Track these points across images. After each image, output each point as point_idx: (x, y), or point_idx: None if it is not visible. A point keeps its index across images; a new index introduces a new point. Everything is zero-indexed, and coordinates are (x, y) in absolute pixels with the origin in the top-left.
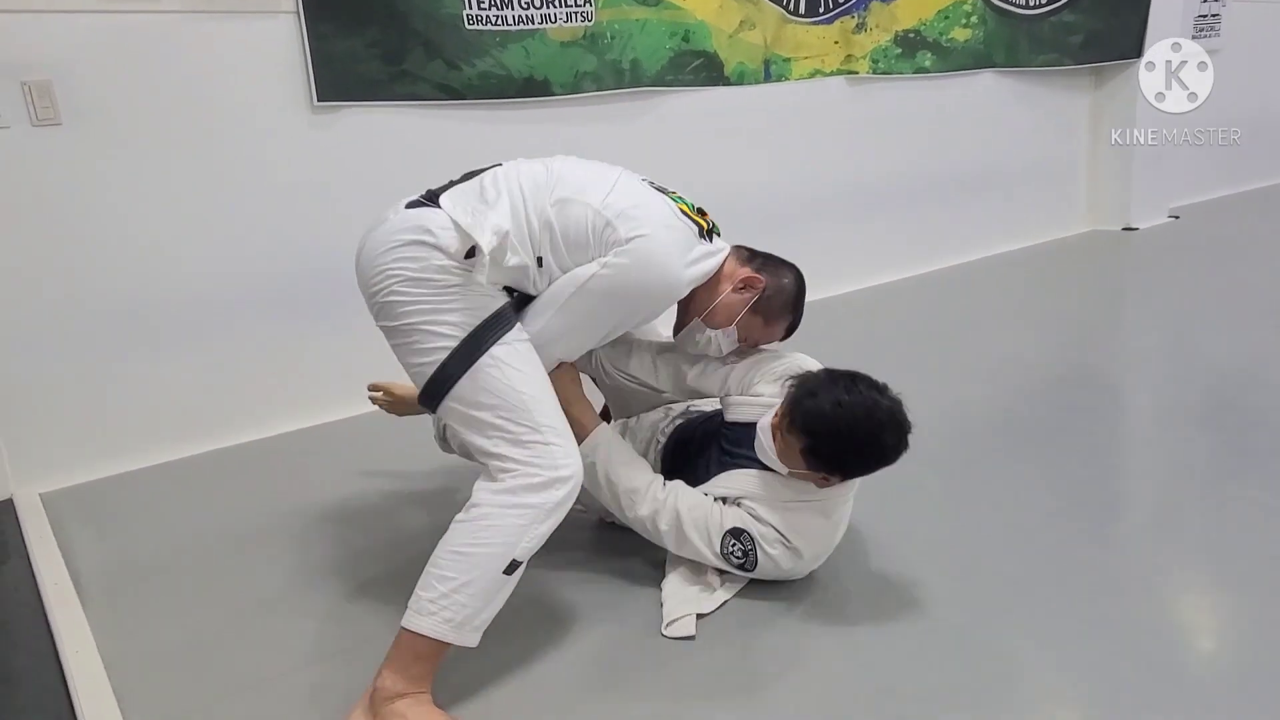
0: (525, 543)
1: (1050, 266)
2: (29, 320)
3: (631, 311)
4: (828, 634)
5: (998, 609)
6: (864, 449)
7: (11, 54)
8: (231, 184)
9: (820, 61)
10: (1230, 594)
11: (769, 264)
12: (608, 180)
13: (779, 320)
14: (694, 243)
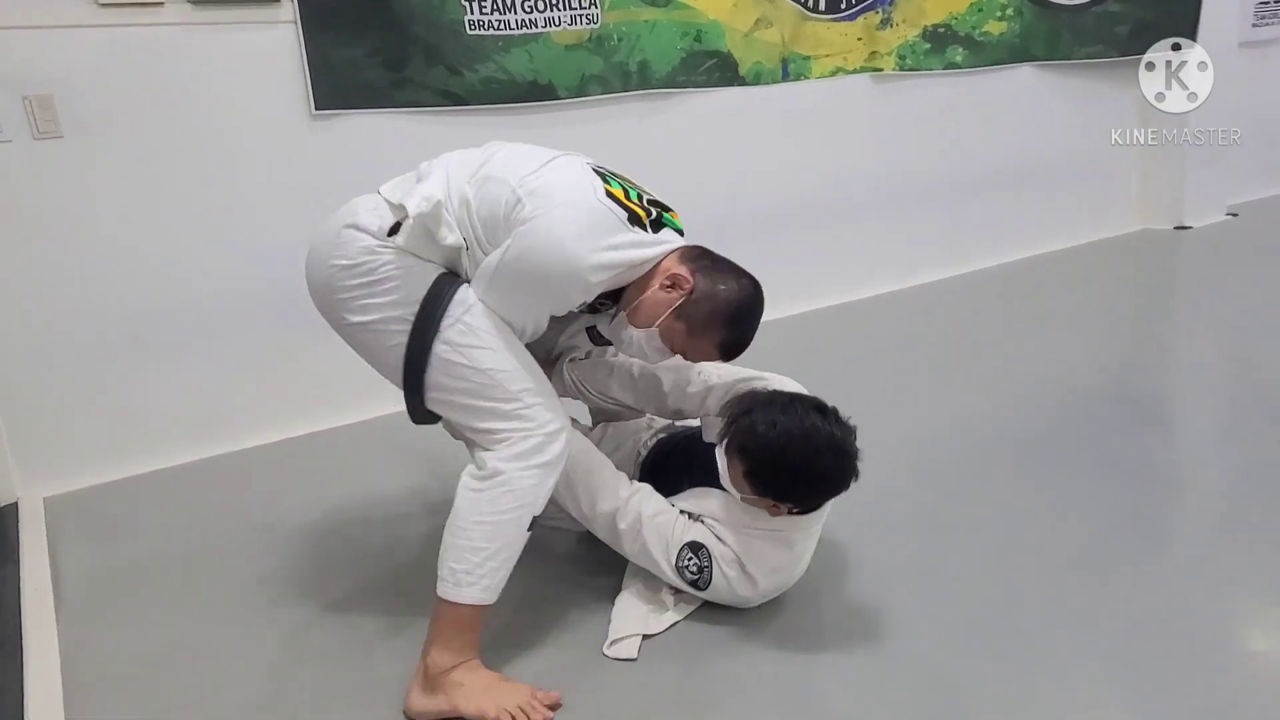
0: (540, 500)
1: (1094, 268)
2: (34, 328)
3: (540, 296)
4: (783, 660)
5: (972, 644)
6: (801, 474)
7: (13, 68)
8: (231, 193)
9: (843, 59)
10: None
11: (715, 269)
12: (538, 160)
13: (706, 333)
14: (616, 227)
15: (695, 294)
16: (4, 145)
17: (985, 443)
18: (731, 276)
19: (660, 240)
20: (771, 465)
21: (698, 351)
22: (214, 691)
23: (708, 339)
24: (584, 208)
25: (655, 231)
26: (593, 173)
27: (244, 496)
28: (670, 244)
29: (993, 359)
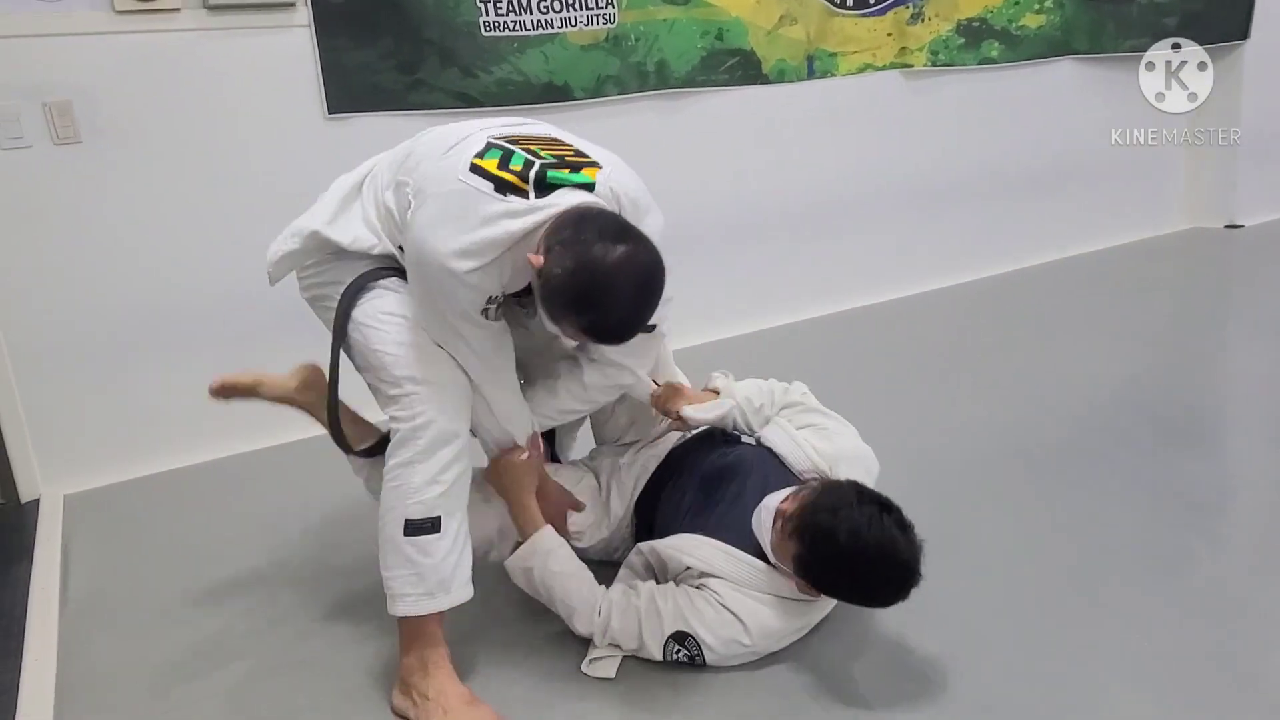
0: (412, 499)
1: (1138, 268)
2: (55, 328)
3: (436, 299)
4: (773, 676)
5: (985, 664)
6: (859, 588)
7: (33, 76)
8: (246, 196)
9: (871, 55)
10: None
11: (575, 238)
12: (445, 143)
13: (563, 318)
14: (477, 202)
15: (541, 274)
16: (25, 151)
17: (1003, 455)
18: (579, 247)
19: (541, 205)
20: (834, 571)
21: (574, 338)
22: (206, 694)
23: (567, 324)
24: (440, 195)
25: (541, 195)
26: (481, 145)
27: (255, 497)
28: (546, 208)
29: (1021, 365)
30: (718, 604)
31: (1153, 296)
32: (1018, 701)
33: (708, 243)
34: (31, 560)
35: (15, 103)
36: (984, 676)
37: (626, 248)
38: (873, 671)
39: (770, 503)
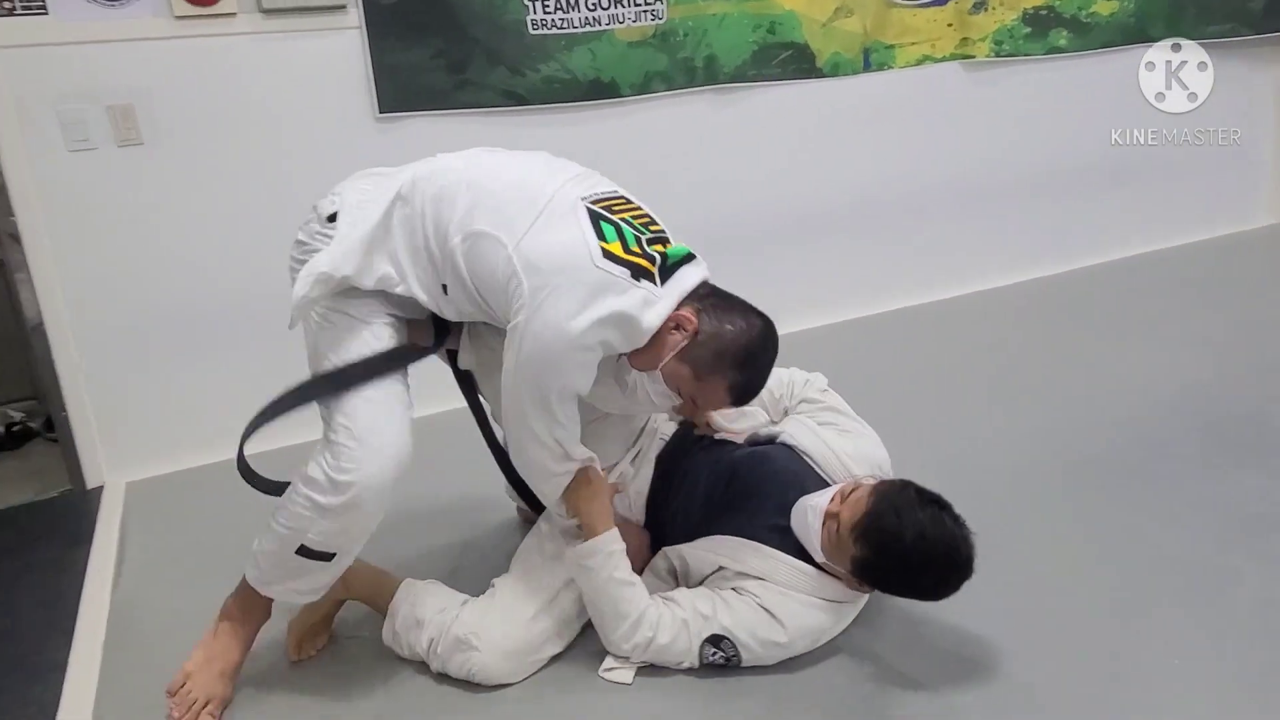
0: (314, 534)
1: (1217, 266)
2: (120, 322)
3: (547, 379)
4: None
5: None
6: (921, 586)
7: (97, 81)
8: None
9: (930, 47)
10: None
11: (722, 307)
12: (529, 208)
13: (713, 375)
14: (625, 292)
15: (701, 335)
16: (91, 153)
17: (1048, 464)
18: (740, 315)
19: (670, 291)
20: (899, 571)
21: (707, 396)
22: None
23: (716, 383)
24: (578, 282)
25: (664, 279)
26: (587, 217)
27: None
28: (669, 297)
29: (1078, 369)
30: (756, 605)
31: (1227, 297)
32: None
33: (758, 237)
34: (91, 544)
35: (81, 107)
36: (1020, 693)
37: (763, 321)
38: (901, 688)
39: (815, 503)
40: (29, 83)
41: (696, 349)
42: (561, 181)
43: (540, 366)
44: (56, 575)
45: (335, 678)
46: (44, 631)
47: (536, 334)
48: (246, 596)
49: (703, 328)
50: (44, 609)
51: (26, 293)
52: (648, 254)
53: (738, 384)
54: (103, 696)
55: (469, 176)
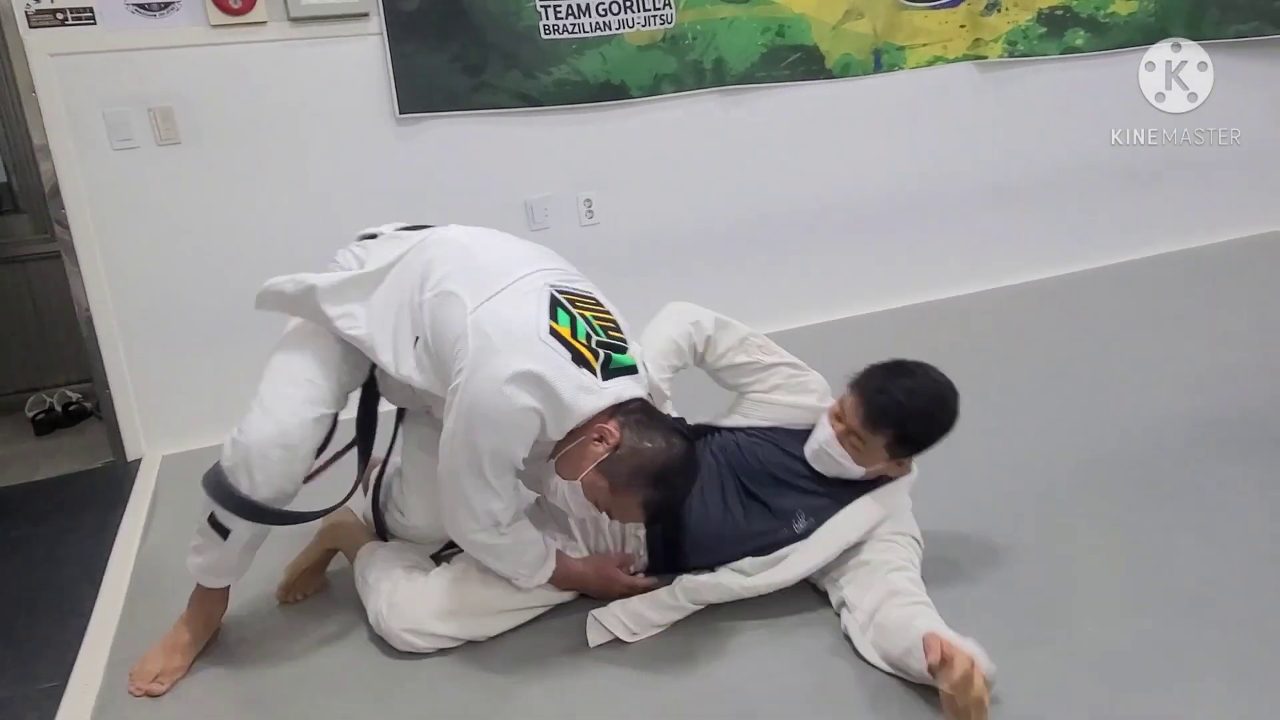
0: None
1: (1243, 267)
2: (159, 309)
3: (486, 443)
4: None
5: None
6: (946, 422)
7: (140, 86)
8: (325, 191)
9: (942, 48)
10: None
11: (646, 424)
12: (505, 278)
13: (629, 490)
14: (562, 369)
15: (620, 449)
16: (133, 151)
17: (1056, 462)
18: (662, 435)
19: (608, 388)
20: (925, 425)
21: (621, 510)
22: (256, 636)
23: (630, 497)
24: (519, 351)
25: (605, 378)
26: (548, 300)
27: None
28: (609, 392)
29: (1091, 365)
30: (898, 537)
31: (1258, 296)
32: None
33: (767, 235)
34: (125, 510)
35: (125, 109)
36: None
37: (684, 443)
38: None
39: (825, 436)
40: (79, 87)
41: (615, 463)
42: (539, 268)
43: (476, 423)
44: (95, 535)
45: (315, 619)
46: (78, 583)
47: (475, 391)
48: (196, 589)
49: (624, 442)
50: (80, 564)
51: (76, 282)
52: (593, 349)
53: (652, 501)
54: (120, 639)
55: (464, 243)
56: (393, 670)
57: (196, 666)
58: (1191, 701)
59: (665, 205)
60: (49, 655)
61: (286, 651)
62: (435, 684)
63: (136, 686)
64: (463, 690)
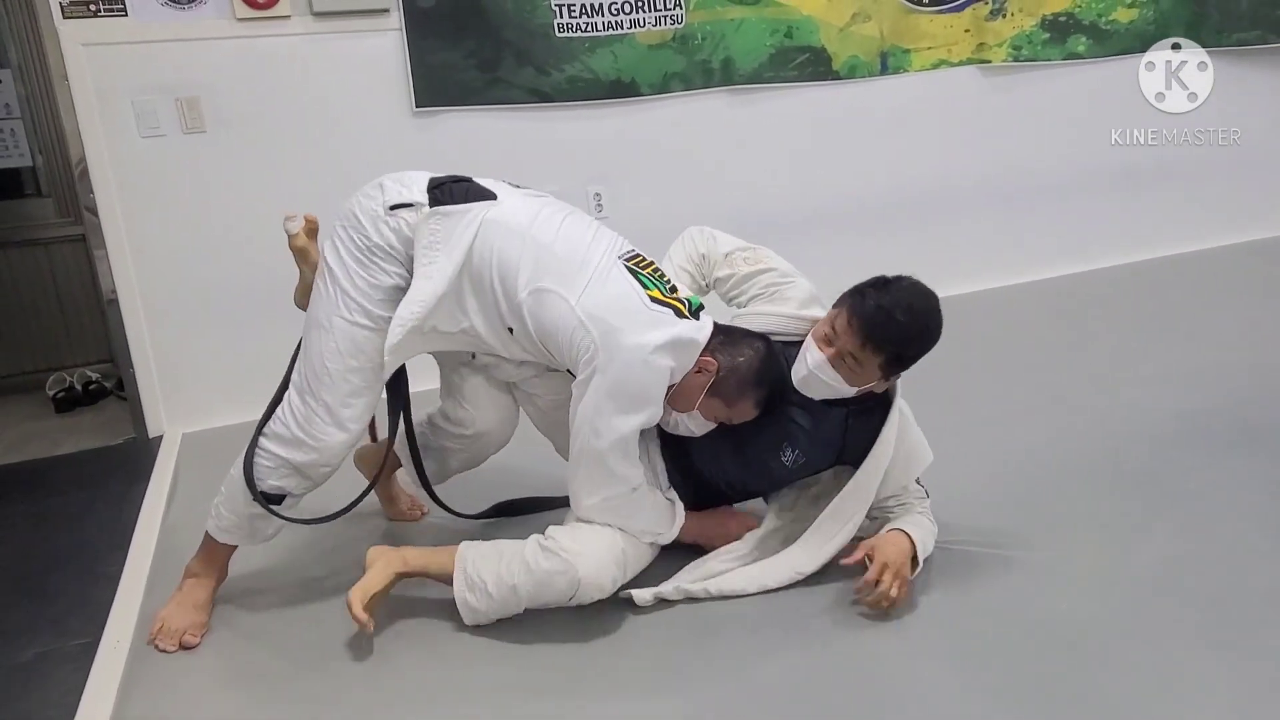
0: (272, 482)
1: (1244, 270)
2: (182, 291)
3: (652, 411)
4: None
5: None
6: (938, 335)
7: (167, 76)
8: (344, 180)
9: (947, 51)
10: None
11: (727, 344)
12: (587, 267)
13: (741, 399)
14: (674, 324)
15: (721, 372)
16: (161, 139)
17: (1049, 463)
18: (745, 346)
19: (703, 329)
20: (921, 342)
21: (740, 414)
22: (266, 604)
23: (743, 404)
24: (640, 321)
25: (697, 318)
26: (627, 273)
27: None
28: (710, 332)
29: (1080, 367)
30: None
31: (1259, 300)
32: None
33: (770, 232)
34: (149, 482)
35: (154, 98)
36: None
37: (765, 343)
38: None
39: (811, 362)
40: (109, 76)
41: (721, 385)
42: (604, 247)
43: (625, 399)
44: (119, 506)
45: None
46: (106, 549)
47: (620, 371)
48: (208, 550)
49: (721, 366)
50: (107, 532)
51: (102, 265)
52: (679, 300)
53: (761, 399)
54: (147, 600)
55: (523, 229)
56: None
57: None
58: (1154, 684)
59: (672, 201)
60: (81, 613)
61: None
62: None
63: (169, 642)
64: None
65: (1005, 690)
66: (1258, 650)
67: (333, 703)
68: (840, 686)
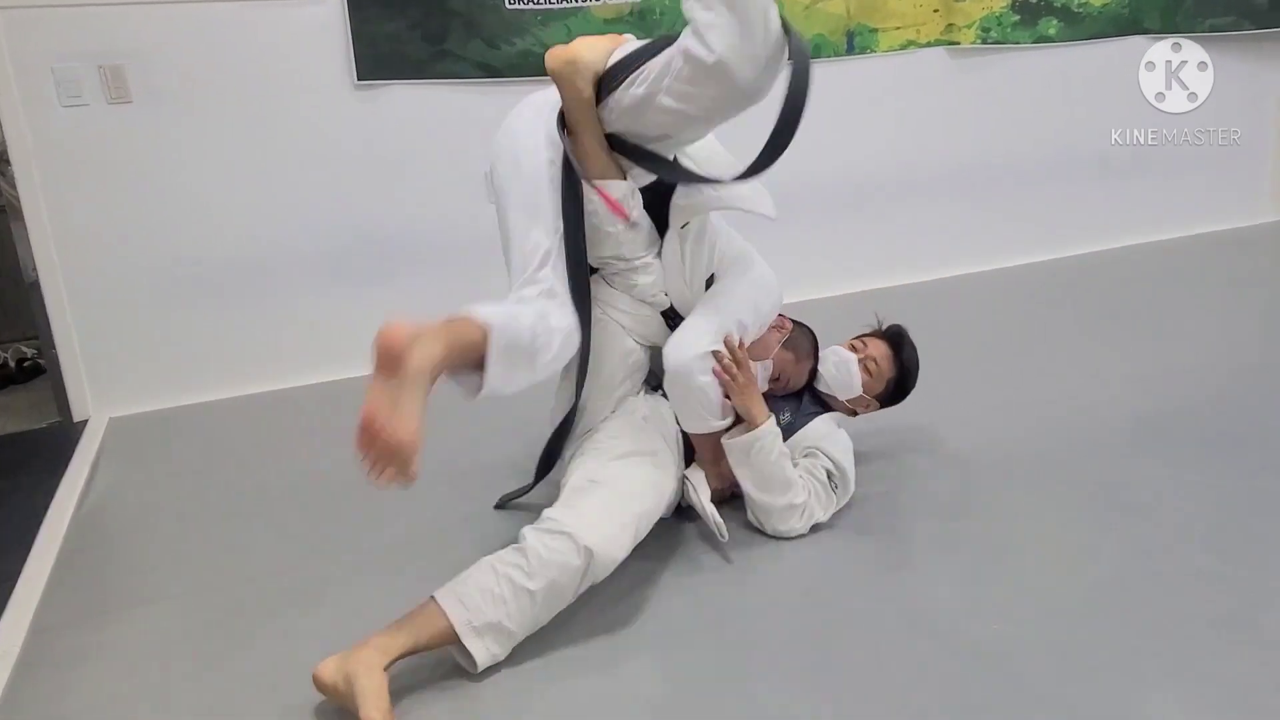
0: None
1: (1210, 260)
2: (111, 270)
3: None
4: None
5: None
6: (911, 385)
7: (90, 41)
8: (281, 156)
9: (915, 32)
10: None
11: (794, 321)
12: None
13: (804, 360)
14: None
15: (794, 332)
16: (82, 109)
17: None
18: (800, 323)
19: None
20: (913, 378)
21: (798, 375)
22: (168, 612)
23: (804, 364)
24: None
25: None
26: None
27: (274, 433)
28: None
29: (1049, 355)
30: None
31: (1222, 289)
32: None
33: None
34: (66, 472)
35: (75, 65)
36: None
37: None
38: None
39: (846, 356)
40: (26, 41)
41: (793, 341)
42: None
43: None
44: (33, 496)
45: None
46: (10, 545)
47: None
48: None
49: (792, 329)
50: (14, 526)
51: (23, 243)
52: None
53: (813, 368)
54: (44, 606)
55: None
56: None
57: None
58: (1093, 691)
59: None
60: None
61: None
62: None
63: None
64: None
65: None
66: (1202, 679)
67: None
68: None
